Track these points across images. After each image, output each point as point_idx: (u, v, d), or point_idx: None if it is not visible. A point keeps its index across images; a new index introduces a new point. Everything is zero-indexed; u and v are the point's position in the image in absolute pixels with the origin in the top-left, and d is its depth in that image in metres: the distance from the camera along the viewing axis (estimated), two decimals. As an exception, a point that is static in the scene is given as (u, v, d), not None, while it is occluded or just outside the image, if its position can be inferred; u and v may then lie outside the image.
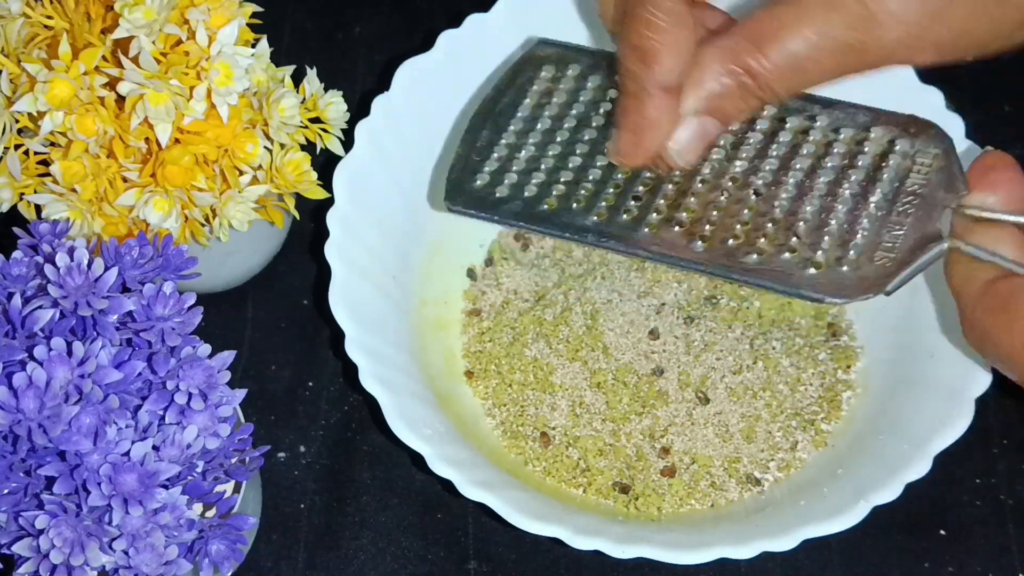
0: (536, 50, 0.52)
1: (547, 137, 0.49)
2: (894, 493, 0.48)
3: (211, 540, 0.44)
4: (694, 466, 0.54)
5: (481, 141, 0.49)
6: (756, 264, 0.44)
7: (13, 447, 0.42)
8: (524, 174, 0.48)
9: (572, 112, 0.50)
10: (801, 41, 0.42)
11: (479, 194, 0.48)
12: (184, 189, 0.50)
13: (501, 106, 0.50)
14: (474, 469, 0.49)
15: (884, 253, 0.44)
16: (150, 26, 0.48)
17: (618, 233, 0.46)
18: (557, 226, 0.47)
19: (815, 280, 0.44)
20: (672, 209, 0.46)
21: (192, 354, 0.45)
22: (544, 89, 0.50)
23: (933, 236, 0.43)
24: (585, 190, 0.47)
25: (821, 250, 0.44)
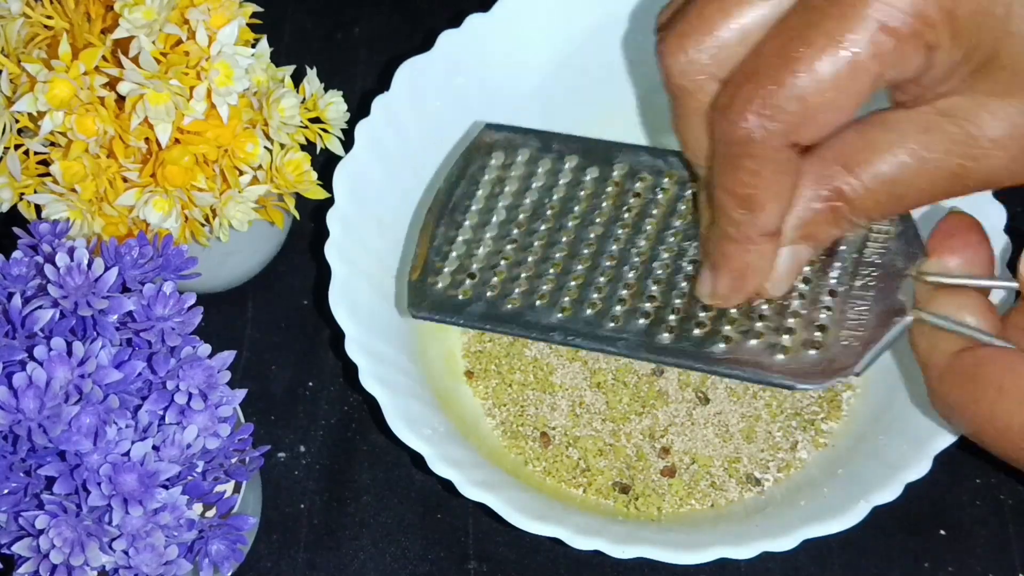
0: (483, 136, 0.51)
1: (503, 230, 0.48)
2: (894, 493, 0.48)
3: (211, 540, 0.44)
4: (694, 466, 0.54)
5: (438, 239, 0.48)
6: (724, 353, 0.43)
7: (13, 447, 0.42)
8: (484, 271, 0.47)
9: (525, 201, 0.49)
10: (895, 164, 0.39)
11: (441, 298, 0.47)
12: (184, 189, 0.50)
13: (454, 199, 0.49)
14: (474, 469, 0.49)
15: (850, 332, 0.43)
16: (150, 26, 0.48)
17: (584, 330, 0.45)
18: (522, 326, 0.46)
19: (785, 367, 0.43)
20: (635, 298, 0.45)
21: (192, 354, 0.45)
22: (495, 177, 0.49)
23: (897, 308, 0.42)
24: (546, 285, 0.46)
25: (787, 334, 0.43)
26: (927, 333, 0.42)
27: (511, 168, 0.50)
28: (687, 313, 0.45)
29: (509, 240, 0.48)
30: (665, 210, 0.47)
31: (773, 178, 0.39)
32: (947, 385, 0.41)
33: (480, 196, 0.49)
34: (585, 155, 0.50)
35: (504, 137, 0.50)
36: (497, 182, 0.49)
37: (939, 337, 0.41)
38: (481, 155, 0.50)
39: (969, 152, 0.39)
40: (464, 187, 0.49)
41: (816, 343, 0.43)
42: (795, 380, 0.43)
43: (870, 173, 0.40)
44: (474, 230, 0.48)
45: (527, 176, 0.49)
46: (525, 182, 0.49)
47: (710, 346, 0.44)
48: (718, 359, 0.44)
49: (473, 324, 0.46)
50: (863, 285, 0.43)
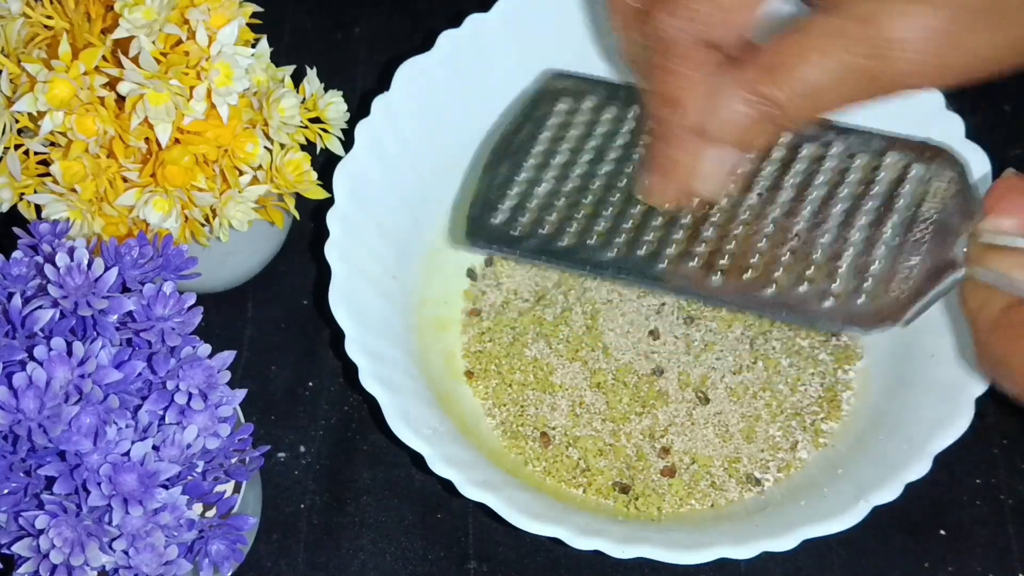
0: (551, 83, 0.52)
1: (564, 171, 0.49)
2: (894, 493, 0.48)
3: (211, 540, 0.44)
4: (694, 466, 0.54)
5: (499, 177, 0.49)
6: (773, 297, 0.44)
7: (13, 447, 0.42)
8: (542, 210, 0.48)
9: (589, 145, 0.50)
10: (814, 69, 0.42)
11: (499, 231, 0.48)
12: (184, 189, 0.50)
13: (518, 140, 0.50)
14: (474, 469, 0.49)
15: (900, 283, 0.43)
16: (150, 26, 0.48)
17: (636, 268, 0.46)
18: (576, 262, 0.47)
19: (832, 312, 0.44)
20: (689, 242, 0.46)
21: (192, 354, 0.45)
22: (561, 122, 0.51)
23: (949, 263, 0.43)
24: (603, 225, 0.47)
25: (837, 281, 0.44)
26: (978, 290, 0.43)
27: (576, 115, 0.51)
28: (739, 258, 0.45)
29: (568, 182, 0.49)
30: None
31: (692, 76, 0.43)
32: (995, 339, 0.42)
33: (544, 139, 0.50)
34: None
35: (571, 84, 0.52)
36: (562, 127, 0.50)
37: (989, 294, 0.42)
38: (547, 101, 0.51)
39: (881, 54, 0.41)
40: (528, 130, 0.50)
41: (866, 291, 0.43)
42: (842, 323, 0.44)
43: (790, 75, 0.42)
44: (535, 171, 0.49)
45: (591, 123, 0.50)
46: (589, 128, 0.50)
47: (760, 289, 0.44)
48: (768, 302, 0.44)
49: (527, 257, 0.48)
50: (917, 239, 0.44)
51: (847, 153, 0.47)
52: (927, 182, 0.45)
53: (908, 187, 0.46)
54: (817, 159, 0.47)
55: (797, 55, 0.42)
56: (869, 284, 0.44)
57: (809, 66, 0.42)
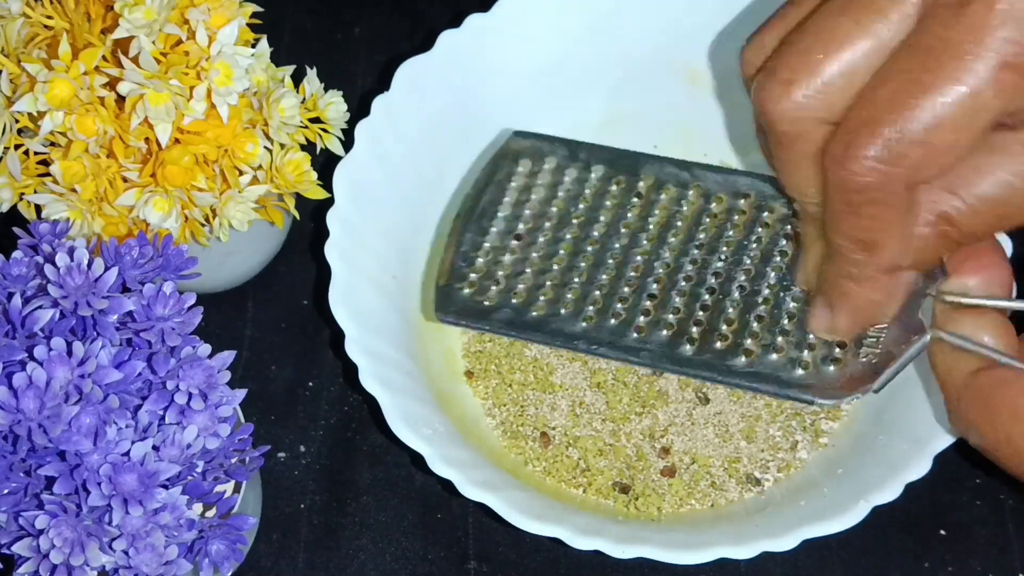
0: (511, 144, 0.52)
1: (529, 237, 0.49)
2: (894, 493, 0.48)
3: (211, 540, 0.44)
4: (694, 466, 0.54)
5: (465, 245, 0.49)
6: (744, 367, 0.44)
7: (13, 447, 0.42)
8: (510, 279, 0.48)
9: (552, 209, 0.50)
10: (999, 185, 0.39)
11: (468, 304, 0.48)
12: (184, 189, 0.50)
13: (481, 205, 0.50)
14: (474, 469, 0.49)
15: (869, 348, 0.43)
16: (150, 26, 0.48)
17: (607, 339, 0.46)
18: (547, 334, 0.47)
19: (804, 382, 0.44)
20: (659, 310, 0.46)
21: (192, 354, 0.45)
22: (522, 184, 0.50)
23: (916, 327, 0.43)
24: (572, 294, 0.47)
25: (807, 349, 0.44)
26: (946, 352, 0.42)
27: (538, 176, 0.50)
28: (709, 326, 0.45)
29: (535, 248, 0.49)
30: (690, 222, 0.48)
31: (894, 221, 0.39)
32: (965, 405, 0.41)
33: (507, 203, 0.50)
34: (611, 165, 0.50)
35: (531, 144, 0.51)
36: (524, 189, 0.50)
37: (958, 357, 0.41)
38: (508, 162, 0.51)
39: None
40: (491, 193, 0.50)
41: (835, 359, 0.43)
42: (814, 396, 0.43)
43: (976, 195, 0.39)
44: (501, 237, 0.49)
45: (554, 184, 0.50)
46: (552, 190, 0.50)
47: (731, 359, 0.44)
48: (739, 372, 0.44)
49: (499, 330, 0.47)
50: None
51: None
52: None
53: None
54: (781, 219, 0.47)
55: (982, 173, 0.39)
56: (838, 351, 0.44)
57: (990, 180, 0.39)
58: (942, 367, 0.42)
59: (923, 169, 0.37)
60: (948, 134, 0.36)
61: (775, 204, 0.48)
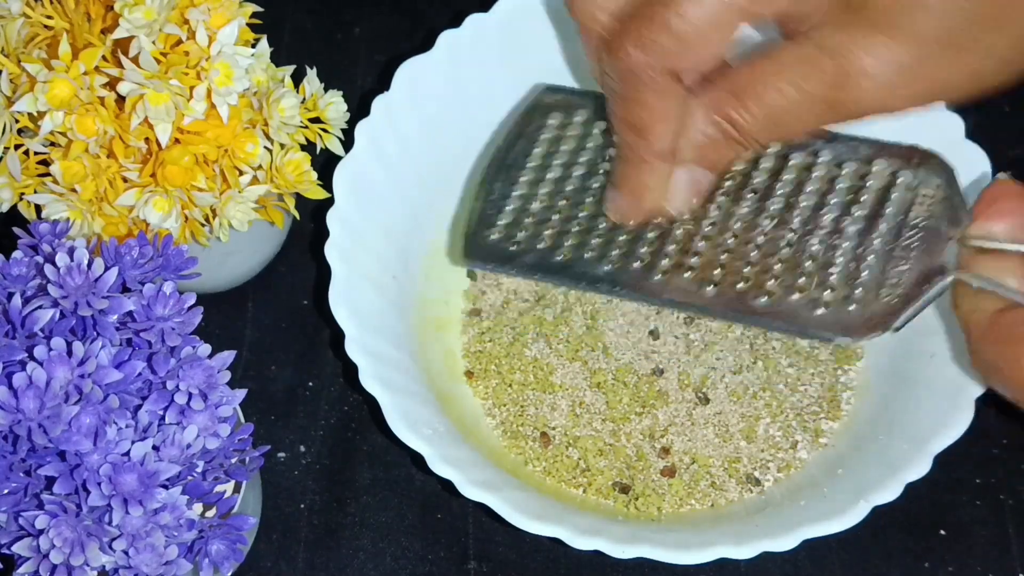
0: (543, 97, 0.52)
1: (558, 186, 0.50)
2: (894, 493, 0.48)
3: (211, 540, 0.44)
4: (694, 466, 0.54)
5: (494, 194, 0.50)
6: (765, 307, 0.45)
7: (13, 447, 0.42)
8: (537, 225, 0.49)
9: (581, 160, 0.50)
10: (779, 96, 0.43)
11: (495, 248, 0.48)
12: (184, 189, 0.50)
13: (512, 156, 0.51)
14: (474, 469, 0.49)
15: (890, 289, 0.44)
16: (150, 26, 0.48)
17: (631, 281, 0.47)
18: (572, 277, 0.47)
19: (823, 320, 0.44)
20: (682, 254, 0.47)
21: (192, 354, 0.45)
22: (553, 136, 0.51)
23: (938, 269, 0.43)
24: (597, 239, 0.48)
25: (828, 289, 0.44)
26: (969, 295, 0.43)
27: (568, 128, 0.51)
28: (731, 269, 0.46)
29: (563, 196, 0.49)
30: None
31: (657, 104, 0.44)
32: (987, 344, 0.42)
33: (537, 154, 0.51)
34: None
35: (562, 98, 0.52)
36: (554, 141, 0.51)
37: (980, 298, 0.42)
38: (539, 115, 0.52)
39: (841, 83, 0.42)
40: (522, 145, 0.51)
41: (856, 299, 0.44)
42: (834, 333, 0.44)
43: (755, 100, 0.44)
44: (529, 186, 0.50)
45: (583, 136, 0.51)
46: (581, 142, 0.51)
47: (753, 300, 0.45)
48: (760, 312, 0.45)
49: (524, 273, 0.48)
50: (906, 246, 0.44)
51: (835, 161, 0.47)
52: (915, 188, 0.46)
53: (896, 194, 0.46)
54: (806, 168, 0.47)
55: (762, 80, 0.43)
56: (859, 292, 0.44)
57: (772, 91, 0.43)
58: (965, 308, 0.43)
59: (678, 57, 0.43)
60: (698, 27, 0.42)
61: (798, 153, 0.48)
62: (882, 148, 0.47)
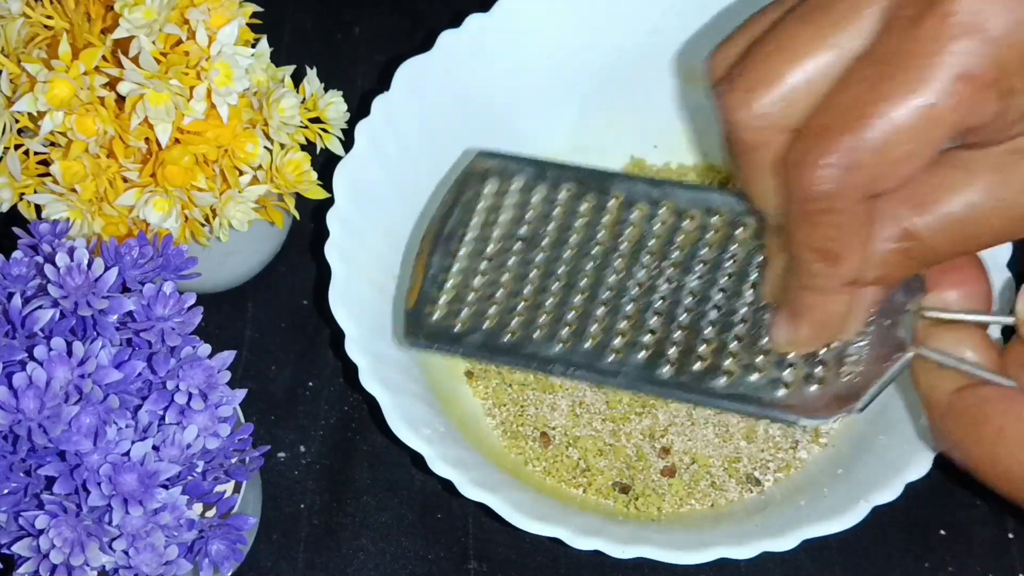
0: (477, 163, 0.50)
1: (499, 259, 0.47)
2: (894, 493, 0.48)
3: (211, 540, 0.44)
4: (694, 466, 0.54)
5: (433, 268, 0.47)
6: (725, 388, 0.43)
7: (13, 447, 0.42)
8: (481, 301, 0.46)
9: (521, 230, 0.48)
10: (966, 203, 0.39)
11: (438, 328, 0.46)
12: (184, 189, 0.50)
13: (449, 227, 0.48)
14: (474, 469, 0.49)
15: (851, 367, 0.42)
16: (150, 26, 0.48)
17: (583, 362, 0.45)
18: (522, 358, 0.45)
19: (786, 402, 0.42)
20: (635, 332, 0.45)
21: (192, 354, 0.45)
22: (490, 205, 0.49)
23: (898, 344, 0.42)
24: (545, 316, 0.46)
25: (788, 368, 0.43)
26: (928, 370, 0.41)
27: (505, 196, 0.48)
28: (687, 346, 0.44)
29: (506, 270, 0.47)
30: (662, 241, 0.46)
31: (853, 230, 0.39)
32: (949, 424, 0.41)
33: (475, 224, 0.48)
34: (580, 184, 0.48)
35: (498, 164, 0.49)
36: (492, 210, 0.48)
37: (940, 374, 0.41)
38: (475, 183, 0.49)
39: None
40: (458, 215, 0.48)
41: (817, 378, 0.43)
42: (797, 415, 0.42)
43: (941, 212, 0.39)
44: (470, 259, 0.47)
45: (522, 204, 0.48)
46: (520, 210, 0.48)
47: (710, 381, 0.43)
48: (719, 394, 0.43)
49: (471, 354, 0.45)
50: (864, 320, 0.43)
51: None
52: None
53: None
54: (755, 235, 0.46)
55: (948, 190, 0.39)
56: (819, 370, 0.43)
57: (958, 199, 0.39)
58: (925, 385, 0.41)
59: (880, 179, 0.37)
60: (905, 144, 0.36)
61: (749, 220, 0.46)
62: None
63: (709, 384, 0.43)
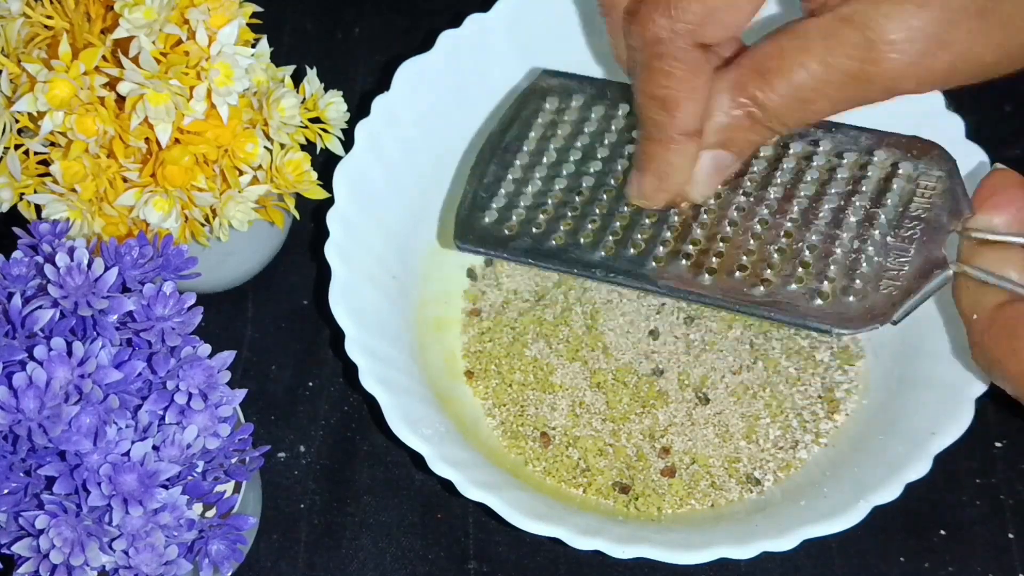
0: (540, 81, 0.52)
1: (553, 171, 0.49)
2: (894, 493, 0.48)
3: (211, 540, 0.44)
4: (694, 466, 0.54)
5: (488, 177, 0.49)
6: (763, 296, 0.44)
7: (13, 447, 0.42)
8: (531, 209, 0.48)
9: (577, 144, 0.50)
10: (805, 72, 0.41)
11: (488, 232, 0.48)
12: (184, 189, 0.50)
13: (507, 140, 0.50)
14: (474, 469, 0.49)
15: (890, 281, 0.43)
16: (150, 26, 0.48)
17: (625, 268, 0.46)
18: (565, 262, 0.47)
19: (822, 311, 0.44)
20: (679, 241, 0.46)
21: (192, 354, 0.45)
22: (549, 121, 0.51)
23: (938, 262, 0.43)
24: (592, 224, 0.47)
25: (827, 280, 0.44)
26: (970, 288, 0.42)
27: (564, 113, 0.51)
28: (729, 257, 0.45)
29: (558, 181, 0.49)
30: None
31: (685, 78, 0.42)
32: (988, 339, 0.42)
33: (532, 138, 0.50)
34: None
35: (560, 83, 0.52)
36: (550, 126, 0.51)
37: (982, 292, 0.42)
38: (536, 99, 0.51)
39: (868, 56, 0.40)
40: (517, 129, 0.51)
41: (855, 290, 0.43)
42: (832, 324, 0.44)
43: (780, 78, 0.42)
44: (524, 170, 0.50)
45: (580, 121, 0.50)
46: (577, 127, 0.50)
47: (750, 288, 0.44)
48: (758, 301, 0.44)
49: (516, 258, 0.48)
50: (906, 237, 0.44)
51: (835, 151, 0.47)
52: (915, 180, 0.46)
53: (897, 185, 0.46)
54: (806, 157, 0.47)
55: (786, 57, 0.42)
56: (858, 283, 0.44)
57: (799, 69, 0.41)
58: (967, 301, 0.43)
59: (705, 27, 0.42)
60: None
61: (800, 142, 0.47)
62: (883, 138, 0.47)
63: (748, 292, 0.45)
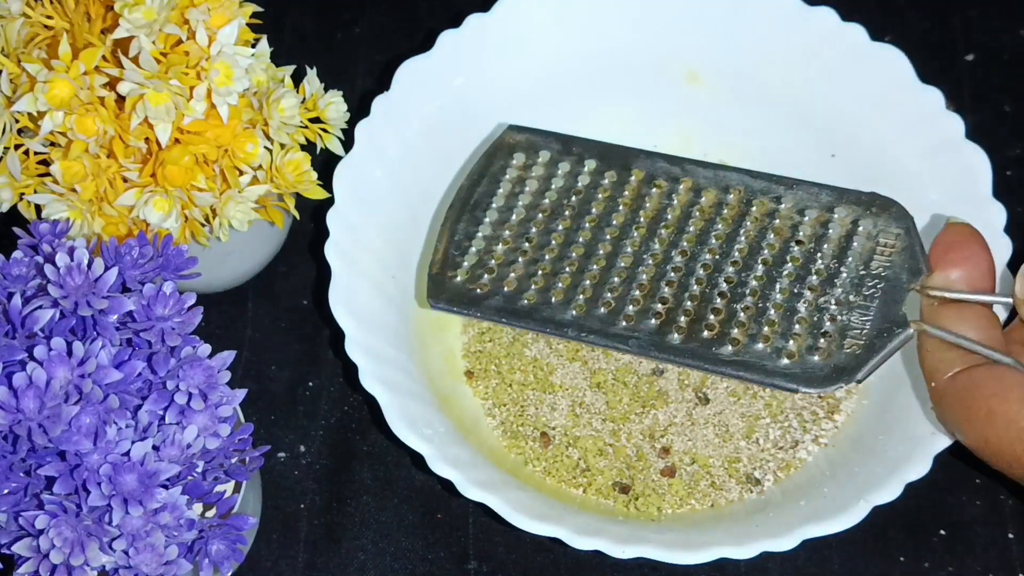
0: (506, 137, 0.53)
1: (522, 227, 0.50)
2: (894, 493, 0.48)
3: (211, 540, 0.44)
4: (694, 466, 0.54)
5: (458, 234, 0.50)
6: (731, 356, 0.46)
7: (13, 447, 0.42)
8: (502, 267, 0.49)
9: (544, 201, 0.51)
10: None
11: (459, 291, 0.49)
12: (184, 189, 0.50)
13: (476, 196, 0.51)
14: (474, 469, 0.49)
15: (853, 340, 0.45)
16: (150, 26, 0.48)
17: (597, 327, 0.47)
18: (537, 322, 0.48)
19: (788, 370, 0.45)
20: (648, 299, 0.47)
21: (192, 354, 0.45)
22: (516, 177, 0.52)
23: (898, 321, 0.44)
24: (562, 282, 0.48)
25: (792, 338, 0.45)
26: (932, 348, 0.43)
27: (532, 168, 0.51)
28: (697, 315, 0.46)
29: (527, 238, 0.50)
30: (679, 215, 0.49)
31: None
32: (944, 405, 0.43)
33: (500, 194, 0.51)
34: (603, 159, 0.51)
35: (526, 138, 0.53)
36: (518, 181, 0.51)
37: (940, 354, 0.43)
38: (503, 155, 0.52)
39: None
40: (485, 185, 0.51)
41: (820, 349, 0.44)
42: (799, 384, 0.44)
43: None
44: (494, 227, 0.50)
45: (547, 177, 0.51)
46: (545, 183, 0.51)
47: (718, 348, 0.45)
48: (725, 361, 0.45)
49: (489, 317, 0.49)
50: (868, 296, 0.45)
51: (797, 208, 0.48)
52: (875, 237, 0.47)
53: (857, 243, 0.47)
54: (768, 214, 0.48)
55: None
56: (823, 342, 0.45)
57: None
58: (928, 364, 0.43)
59: None
60: None
61: (763, 199, 0.49)
62: (842, 195, 0.48)
63: (716, 351, 0.45)
